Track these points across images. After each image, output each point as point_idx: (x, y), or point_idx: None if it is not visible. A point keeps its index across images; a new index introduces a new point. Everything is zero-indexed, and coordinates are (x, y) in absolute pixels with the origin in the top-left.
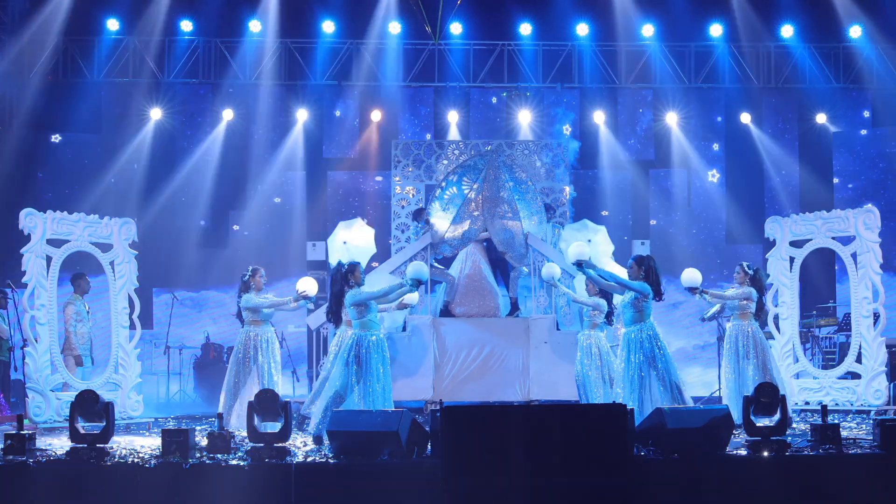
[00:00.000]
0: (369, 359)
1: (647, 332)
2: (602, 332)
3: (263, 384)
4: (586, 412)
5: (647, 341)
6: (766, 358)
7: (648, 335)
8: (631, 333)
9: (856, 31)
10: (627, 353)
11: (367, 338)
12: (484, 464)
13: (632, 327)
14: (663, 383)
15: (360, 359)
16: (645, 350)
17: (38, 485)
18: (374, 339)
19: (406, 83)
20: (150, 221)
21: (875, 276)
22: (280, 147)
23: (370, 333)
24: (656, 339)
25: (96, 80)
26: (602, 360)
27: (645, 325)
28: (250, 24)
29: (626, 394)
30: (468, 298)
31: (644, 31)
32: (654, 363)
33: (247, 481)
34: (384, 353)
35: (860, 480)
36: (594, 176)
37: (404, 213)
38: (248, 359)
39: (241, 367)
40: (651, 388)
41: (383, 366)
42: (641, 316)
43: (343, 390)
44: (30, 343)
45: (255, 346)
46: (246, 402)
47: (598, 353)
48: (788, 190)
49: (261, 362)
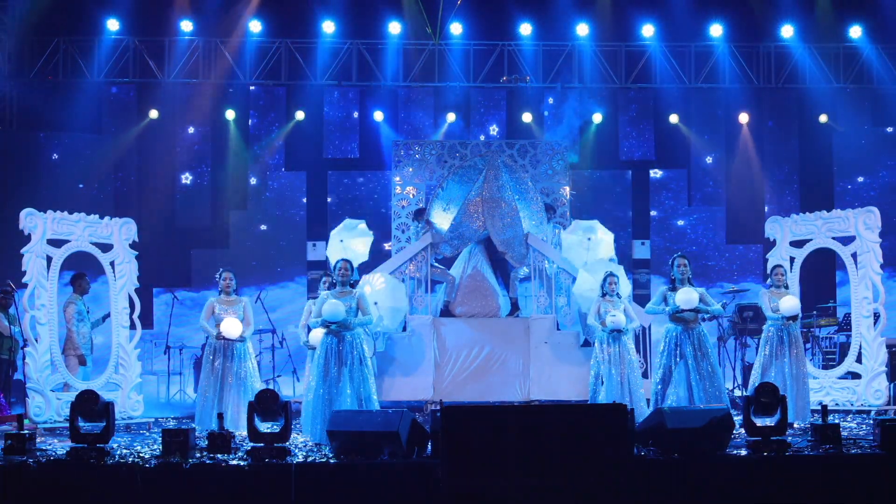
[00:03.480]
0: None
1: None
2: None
3: (229, 389)
4: (586, 412)
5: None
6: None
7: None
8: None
9: (856, 31)
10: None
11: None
12: (484, 464)
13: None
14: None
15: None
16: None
17: (38, 485)
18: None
19: (406, 83)
20: (150, 221)
21: (875, 276)
22: (280, 147)
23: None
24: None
25: (96, 80)
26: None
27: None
28: (250, 24)
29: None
30: (470, 298)
31: (644, 31)
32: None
33: (247, 481)
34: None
35: (860, 480)
36: (594, 176)
37: (404, 213)
38: (210, 364)
39: (208, 373)
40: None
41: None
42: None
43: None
44: (30, 343)
45: (215, 352)
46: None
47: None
48: (788, 190)
49: (225, 367)
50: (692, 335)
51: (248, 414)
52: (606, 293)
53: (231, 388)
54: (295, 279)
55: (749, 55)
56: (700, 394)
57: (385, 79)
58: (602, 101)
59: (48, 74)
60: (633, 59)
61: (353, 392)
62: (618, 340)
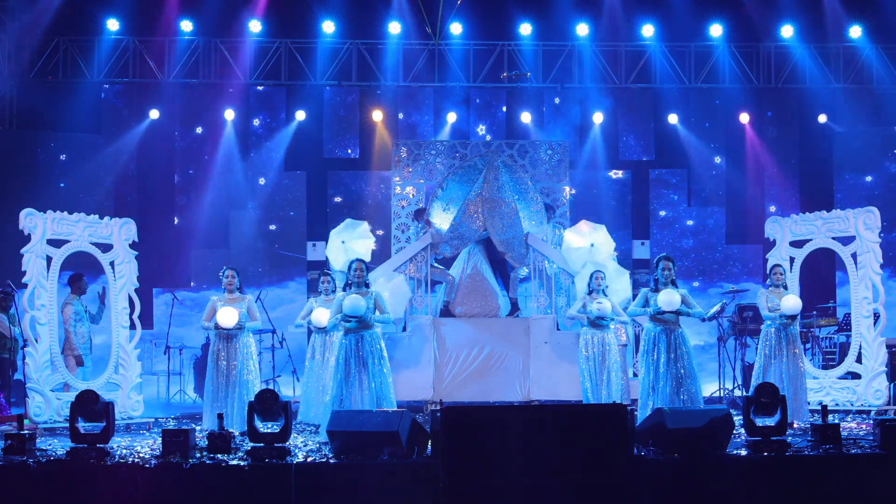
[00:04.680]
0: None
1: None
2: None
3: (234, 388)
4: (586, 412)
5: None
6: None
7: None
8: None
9: (856, 31)
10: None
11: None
12: (484, 464)
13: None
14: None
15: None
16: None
17: (38, 485)
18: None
19: (406, 83)
20: (150, 221)
21: (875, 276)
22: (280, 147)
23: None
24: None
25: (96, 80)
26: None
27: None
28: (250, 24)
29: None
30: (470, 298)
31: (644, 31)
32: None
33: (247, 481)
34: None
35: (860, 480)
36: (594, 176)
37: (404, 213)
38: (215, 364)
39: (213, 374)
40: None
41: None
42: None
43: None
44: (30, 343)
45: (219, 352)
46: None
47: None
48: (788, 190)
49: (228, 367)
50: (671, 336)
51: (248, 414)
52: (593, 290)
53: (235, 387)
54: (295, 279)
55: (749, 55)
56: (672, 396)
57: (385, 79)
58: (602, 101)
59: (48, 74)
60: (633, 59)
61: (371, 394)
62: (601, 338)
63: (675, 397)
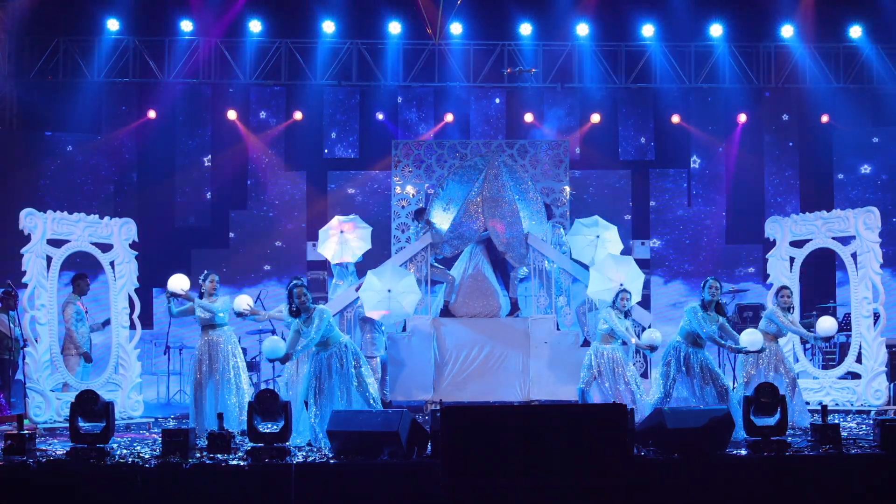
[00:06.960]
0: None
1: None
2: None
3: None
4: (586, 412)
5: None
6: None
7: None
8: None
9: (856, 31)
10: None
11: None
12: (484, 464)
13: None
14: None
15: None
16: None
17: (38, 485)
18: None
19: (406, 83)
20: (150, 221)
21: (875, 276)
22: (280, 147)
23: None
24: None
25: (96, 80)
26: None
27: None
28: (250, 24)
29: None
30: (471, 298)
31: (644, 31)
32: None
33: (247, 481)
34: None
35: (860, 480)
36: (594, 176)
37: (404, 213)
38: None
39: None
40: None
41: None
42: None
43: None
44: (30, 343)
45: (200, 358)
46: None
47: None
48: (788, 190)
49: (219, 367)
50: (698, 355)
51: (248, 414)
52: (617, 308)
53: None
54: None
55: (749, 55)
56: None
57: (385, 79)
58: (602, 101)
59: (48, 74)
60: (633, 59)
61: (347, 400)
62: (611, 353)
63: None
